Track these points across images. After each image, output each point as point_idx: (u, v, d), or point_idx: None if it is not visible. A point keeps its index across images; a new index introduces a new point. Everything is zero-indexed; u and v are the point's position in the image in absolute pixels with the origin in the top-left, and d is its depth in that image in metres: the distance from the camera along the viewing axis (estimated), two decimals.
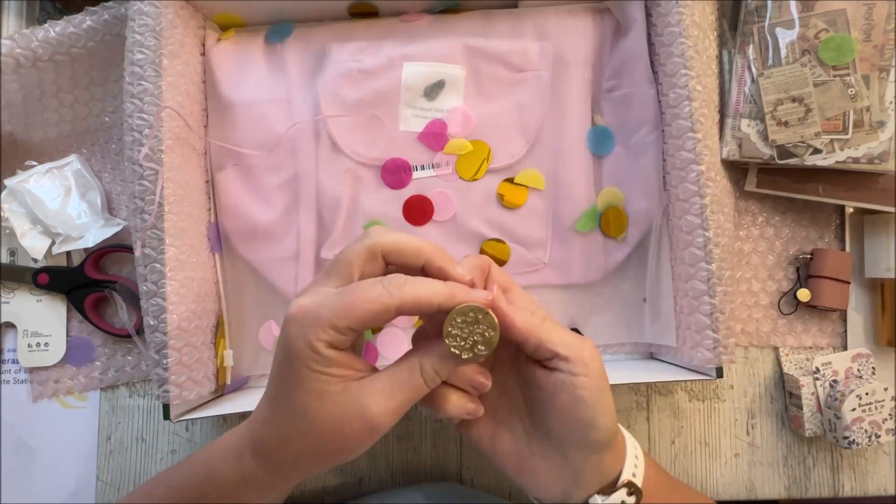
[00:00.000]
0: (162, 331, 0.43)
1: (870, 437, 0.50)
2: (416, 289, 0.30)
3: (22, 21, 0.55)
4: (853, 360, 0.53)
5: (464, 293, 0.31)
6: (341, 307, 0.30)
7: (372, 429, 0.31)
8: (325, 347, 0.30)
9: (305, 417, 0.31)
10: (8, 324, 0.55)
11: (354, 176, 0.51)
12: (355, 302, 0.30)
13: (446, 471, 0.54)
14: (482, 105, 0.51)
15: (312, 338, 0.30)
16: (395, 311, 0.30)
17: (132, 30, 0.45)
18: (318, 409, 0.31)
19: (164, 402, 0.43)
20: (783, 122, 0.49)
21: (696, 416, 0.54)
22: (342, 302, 0.30)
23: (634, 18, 0.51)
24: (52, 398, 0.55)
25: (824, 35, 0.48)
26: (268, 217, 0.51)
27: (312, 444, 0.32)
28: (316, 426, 0.31)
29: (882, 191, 0.51)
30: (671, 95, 0.47)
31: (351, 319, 0.30)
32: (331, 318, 0.30)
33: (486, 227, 0.51)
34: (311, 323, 0.30)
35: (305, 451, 0.32)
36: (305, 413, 0.31)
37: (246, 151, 0.51)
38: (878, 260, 0.53)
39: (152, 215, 0.44)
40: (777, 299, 0.55)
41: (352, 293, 0.30)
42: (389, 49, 0.51)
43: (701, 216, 0.45)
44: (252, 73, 0.52)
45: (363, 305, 0.30)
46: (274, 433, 0.33)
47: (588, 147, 0.52)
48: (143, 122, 0.44)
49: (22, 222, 0.53)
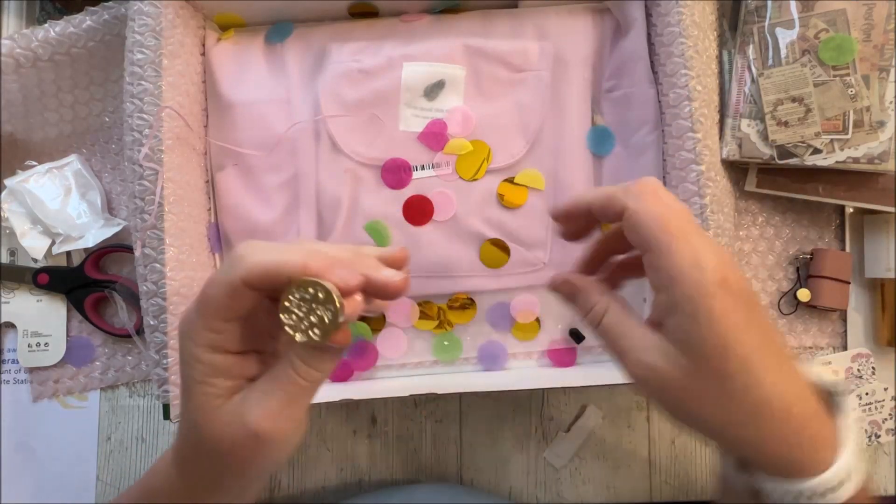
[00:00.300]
0: (162, 331, 0.43)
1: (870, 437, 0.50)
2: (262, 255, 0.27)
3: (22, 21, 0.55)
4: (853, 360, 0.53)
5: (321, 265, 0.27)
6: (200, 303, 0.28)
7: (253, 436, 0.28)
8: (206, 352, 0.28)
9: (194, 432, 0.30)
10: (8, 324, 0.55)
11: (354, 176, 0.51)
12: (207, 290, 0.28)
13: (446, 471, 0.54)
14: (482, 105, 0.52)
15: (192, 345, 0.28)
16: (243, 285, 0.27)
17: (132, 30, 0.45)
18: (202, 424, 0.29)
19: (165, 402, 0.43)
20: (783, 122, 0.49)
21: None
22: (199, 297, 0.28)
23: (634, 18, 0.51)
24: (52, 398, 0.55)
25: (824, 35, 0.48)
26: (268, 217, 0.51)
27: (208, 459, 0.30)
28: (202, 443, 0.29)
29: (882, 191, 0.51)
30: (671, 95, 0.47)
31: (211, 311, 0.28)
32: (197, 319, 0.28)
33: (486, 227, 0.51)
34: (186, 331, 0.29)
35: (206, 466, 0.31)
36: (194, 428, 0.29)
37: (246, 151, 0.51)
38: (878, 260, 0.53)
39: (152, 215, 0.44)
40: (777, 299, 0.55)
41: (205, 285, 0.28)
42: (389, 49, 0.51)
43: (701, 216, 0.45)
44: (252, 73, 0.52)
45: (213, 291, 0.28)
46: (181, 446, 0.32)
47: (588, 147, 0.52)
48: (143, 122, 0.44)
49: (22, 222, 0.53)
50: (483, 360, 0.52)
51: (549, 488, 0.54)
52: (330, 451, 0.54)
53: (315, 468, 0.54)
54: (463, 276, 0.51)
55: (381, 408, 0.55)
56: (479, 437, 0.54)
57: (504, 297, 0.52)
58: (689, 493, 0.53)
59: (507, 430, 0.54)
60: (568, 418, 0.54)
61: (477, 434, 0.54)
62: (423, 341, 0.52)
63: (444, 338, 0.52)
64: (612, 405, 0.54)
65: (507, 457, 0.54)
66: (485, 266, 0.51)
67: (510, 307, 0.52)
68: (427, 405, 0.54)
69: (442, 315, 0.52)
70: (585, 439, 0.53)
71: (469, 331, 0.52)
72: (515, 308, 0.52)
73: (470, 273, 0.51)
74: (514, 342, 0.52)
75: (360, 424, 0.54)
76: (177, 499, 0.33)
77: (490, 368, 0.52)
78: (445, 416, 0.54)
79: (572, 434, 0.53)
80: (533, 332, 0.52)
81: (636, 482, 0.53)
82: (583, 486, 0.54)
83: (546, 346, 0.52)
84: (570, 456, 0.53)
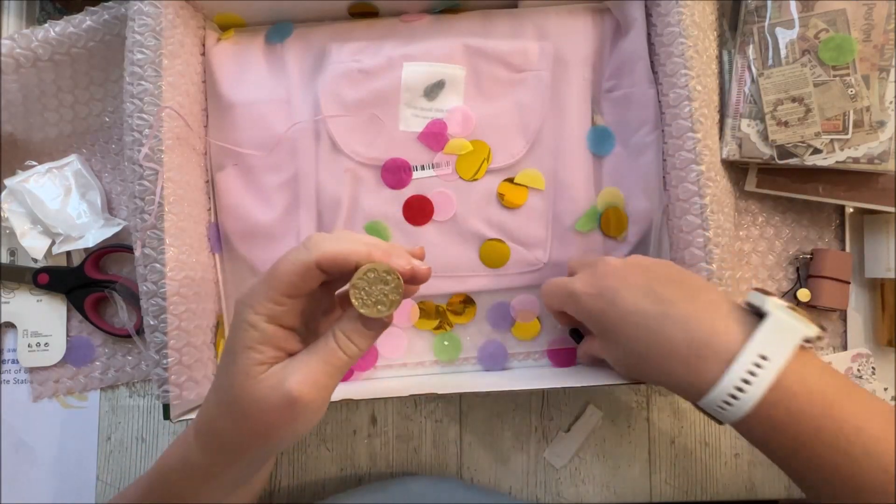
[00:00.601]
0: (162, 331, 0.43)
1: None
2: (334, 244, 0.32)
3: (22, 21, 0.55)
4: (853, 360, 0.53)
5: (382, 254, 0.32)
6: (270, 277, 0.32)
7: (291, 400, 0.31)
8: (263, 321, 0.32)
9: (230, 394, 0.32)
10: (8, 324, 0.55)
11: (354, 176, 0.51)
12: (279, 267, 0.32)
13: (446, 470, 0.54)
14: (482, 105, 0.52)
15: (251, 312, 0.32)
16: (316, 266, 0.31)
17: (132, 30, 0.45)
18: (242, 386, 0.32)
19: (165, 402, 0.43)
20: (783, 122, 0.49)
21: (697, 415, 0.54)
22: (270, 273, 0.32)
23: (634, 18, 0.51)
24: (52, 398, 0.55)
25: (824, 35, 0.48)
26: (268, 217, 0.51)
27: (240, 422, 0.33)
28: (239, 403, 0.32)
29: (882, 191, 0.51)
30: (671, 95, 0.47)
31: (280, 286, 0.31)
32: (264, 291, 0.32)
33: (486, 227, 0.51)
34: (248, 301, 0.32)
35: (232, 430, 0.33)
36: (230, 390, 0.32)
37: (246, 151, 0.51)
38: (878, 260, 0.53)
39: (152, 215, 0.44)
40: None
41: (277, 263, 0.32)
42: (389, 49, 0.51)
43: (701, 216, 0.45)
44: (252, 73, 0.52)
45: (286, 268, 0.31)
46: (210, 413, 0.34)
47: (588, 147, 0.52)
48: (143, 122, 0.44)
49: (22, 222, 0.53)
50: (483, 360, 0.52)
51: (549, 488, 0.54)
52: (330, 451, 0.54)
53: (315, 468, 0.54)
54: (463, 276, 0.51)
55: (381, 408, 0.55)
56: (479, 437, 0.54)
57: (504, 296, 0.52)
58: (688, 493, 0.53)
59: (507, 430, 0.54)
60: (568, 418, 0.54)
61: (477, 434, 0.54)
62: (423, 341, 0.52)
63: (444, 338, 0.52)
64: (612, 405, 0.54)
65: (507, 457, 0.54)
66: (485, 266, 0.51)
67: (510, 307, 0.52)
68: (427, 405, 0.55)
69: (442, 315, 0.52)
70: (585, 439, 0.53)
71: (469, 331, 0.52)
72: (515, 308, 0.52)
73: (470, 273, 0.51)
74: (514, 342, 0.52)
75: (360, 424, 0.54)
76: (197, 472, 0.35)
77: (490, 368, 0.52)
78: (445, 416, 0.54)
79: (572, 434, 0.53)
80: (533, 332, 0.52)
81: (636, 482, 0.53)
82: (583, 486, 0.54)
83: (546, 346, 0.52)
84: (570, 456, 0.53)
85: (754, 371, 0.32)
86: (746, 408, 0.32)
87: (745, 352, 0.32)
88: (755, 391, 0.32)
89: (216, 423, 0.34)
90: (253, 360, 0.32)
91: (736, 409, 0.32)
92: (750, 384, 0.32)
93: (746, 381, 0.32)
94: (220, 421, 0.33)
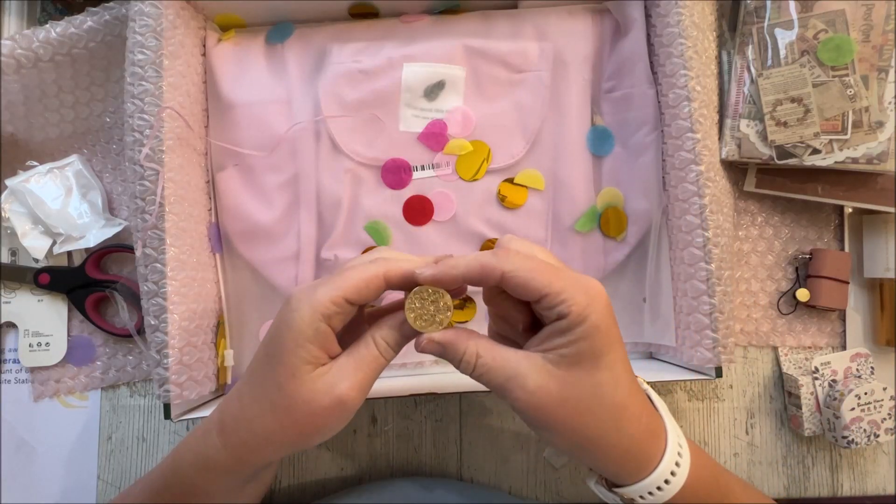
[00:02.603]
0: (163, 330, 0.43)
1: (869, 436, 0.50)
2: (403, 265, 0.34)
3: (23, 21, 0.55)
4: (852, 360, 0.53)
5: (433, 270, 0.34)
6: (339, 280, 0.33)
7: (341, 403, 0.33)
8: (320, 320, 0.32)
9: (280, 394, 0.33)
10: (9, 324, 0.55)
11: (354, 176, 0.51)
12: (349, 273, 0.33)
13: (446, 470, 0.54)
14: (482, 105, 0.52)
15: (310, 310, 0.32)
16: (384, 279, 0.33)
17: (133, 30, 0.45)
18: (292, 386, 0.33)
19: (165, 401, 0.44)
20: (782, 122, 0.49)
21: (696, 415, 0.54)
22: (337, 276, 0.33)
23: (634, 19, 0.51)
24: (52, 398, 0.55)
25: (823, 35, 0.48)
26: (268, 217, 0.51)
27: (283, 420, 0.33)
28: (287, 403, 0.33)
29: (881, 191, 0.51)
30: (671, 96, 0.47)
31: (347, 289, 0.33)
32: (329, 291, 0.33)
33: (485, 227, 0.51)
34: (309, 296, 0.33)
35: (275, 429, 0.34)
36: (280, 389, 0.33)
37: (246, 152, 0.51)
38: (877, 260, 0.53)
39: (153, 215, 0.44)
40: (776, 299, 0.55)
41: (346, 269, 0.34)
42: (389, 49, 0.51)
43: (700, 216, 0.45)
44: (252, 74, 0.52)
45: (357, 274, 0.33)
46: (245, 410, 0.35)
47: (588, 147, 0.52)
48: (144, 123, 0.44)
49: (23, 222, 0.53)
50: None
51: (549, 488, 0.54)
52: (330, 451, 0.54)
53: (315, 468, 0.54)
54: None
55: (381, 408, 0.55)
56: (479, 437, 0.54)
57: None
58: None
59: (507, 429, 0.54)
60: None
61: (477, 434, 0.54)
62: None
63: None
64: None
65: (506, 456, 0.54)
66: None
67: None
68: (427, 405, 0.55)
69: None
70: None
71: None
72: None
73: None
74: None
75: (360, 424, 0.54)
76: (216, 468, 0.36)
77: None
78: (445, 416, 0.54)
79: None
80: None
81: None
82: (583, 486, 0.54)
83: None
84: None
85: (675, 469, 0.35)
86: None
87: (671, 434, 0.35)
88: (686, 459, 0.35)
89: (255, 422, 0.34)
90: (302, 360, 0.33)
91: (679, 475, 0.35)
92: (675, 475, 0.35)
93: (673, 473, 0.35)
94: (261, 420, 0.34)
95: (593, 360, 0.33)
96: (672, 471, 0.34)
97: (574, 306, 0.32)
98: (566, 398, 0.32)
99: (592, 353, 0.32)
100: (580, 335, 0.32)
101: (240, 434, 0.35)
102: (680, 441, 0.35)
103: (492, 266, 0.33)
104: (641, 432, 0.34)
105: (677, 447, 0.35)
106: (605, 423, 0.33)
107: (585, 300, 0.32)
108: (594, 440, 0.33)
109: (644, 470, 0.34)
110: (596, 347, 0.32)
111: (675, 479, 0.34)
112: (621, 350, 0.34)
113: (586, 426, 0.33)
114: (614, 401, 0.33)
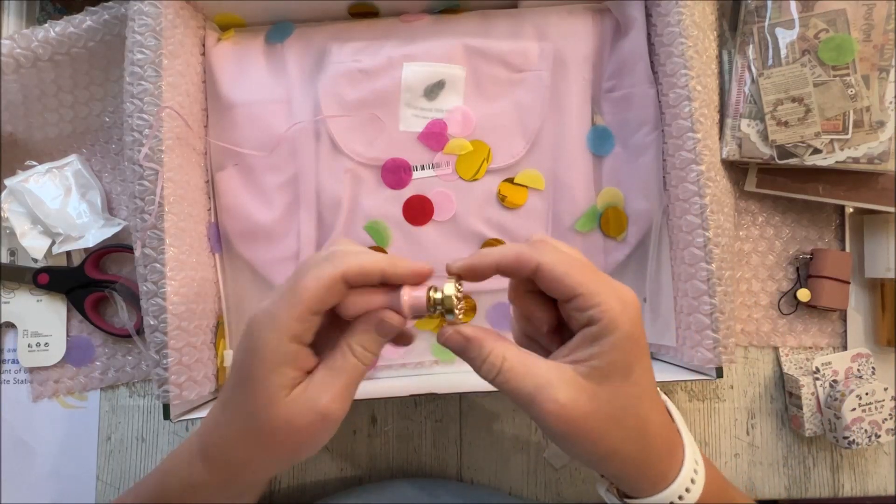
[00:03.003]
0: (162, 331, 0.43)
1: (870, 436, 0.50)
2: (360, 258, 0.31)
3: (22, 21, 0.55)
4: (853, 360, 0.53)
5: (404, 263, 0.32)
6: (292, 294, 0.31)
7: (324, 417, 0.31)
8: (287, 341, 0.31)
9: (258, 419, 0.32)
10: (8, 324, 0.55)
11: (354, 176, 0.51)
12: (303, 283, 0.31)
13: (446, 470, 0.54)
14: (482, 105, 0.52)
15: (273, 332, 0.31)
16: (342, 280, 0.31)
17: (132, 30, 0.45)
18: (271, 412, 0.31)
19: (165, 401, 0.43)
20: (783, 122, 0.49)
21: (696, 415, 0.54)
22: (292, 290, 0.31)
23: (634, 18, 0.51)
24: (52, 398, 0.55)
25: (824, 35, 0.48)
26: (268, 217, 0.51)
27: (267, 444, 0.32)
28: (269, 426, 0.31)
29: (882, 191, 0.51)
30: (671, 95, 0.47)
31: (306, 302, 0.30)
32: (290, 309, 0.31)
33: (485, 227, 0.51)
34: (267, 320, 0.31)
35: (260, 450, 0.32)
36: (258, 417, 0.31)
37: (246, 151, 0.51)
38: (878, 260, 0.53)
39: (152, 215, 0.44)
40: (777, 299, 0.55)
41: (300, 279, 0.31)
42: (389, 49, 0.51)
43: (701, 216, 0.45)
44: (252, 74, 0.52)
45: (312, 283, 0.30)
46: (225, 437, 0.33)
47: (588, 147, 0.52)
48: (144, 122, 0.44)
49: (22, 222, 0.53)
50: None
51: (549, 488, 0.54)
52: (330, 451, 0.54)
53: (315, 468, 0.54)
54: None
55: (381, 408, 0.55)
56: (479, 437, 0.54)
57: (504, 296, 0.52)
58: None
59: (507, 430, 0.54)
60: None
61: (477, 434, 0.54)
62: (423, 341, 0.52)
63: None
64: None
65: (507, 457, 0.54)
66: None
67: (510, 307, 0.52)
68: (427, 405, 0.54)
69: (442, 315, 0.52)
70: None
71: None
72: None
73: None
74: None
75: (360, 424, 0.54)
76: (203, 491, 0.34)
77: None
78: (445, 416, 0.54)
79: None
80: None
81: None
82: (583, 486, 0.54)
83: None
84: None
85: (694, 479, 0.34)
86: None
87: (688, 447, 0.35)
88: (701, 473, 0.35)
89: (236, 450, 0.33)
90: (277, 386, 0.31)
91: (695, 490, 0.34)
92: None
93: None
94: (243, 448, 0.33)
95: (624, 373, 0.31)
96: (687, 487, 0.33)
97: (608, 312, 0.30)
98: (595, 411, 0.31)
99: (624, 365, 0.31)
100: (612, 345, 0.30)
101: (225, 458, 0.34)
102: (696, 457, 0.35)
103: (528, 256, 0.31)
104: (661, 446, 0.33)
105: (693, 463, 0.34)
106: (629, 436, 0.32)
107: (620, 307, 0.30)
108: (617, 453, 0.32)
109: (660, 484, 0.33)
110: (628, 360, 0.31)
111: (689, 496, 0.33)
112: (648, 361, 0.33)
113: (611, 439, 0.32)
114: (639, 414, 0.32)
